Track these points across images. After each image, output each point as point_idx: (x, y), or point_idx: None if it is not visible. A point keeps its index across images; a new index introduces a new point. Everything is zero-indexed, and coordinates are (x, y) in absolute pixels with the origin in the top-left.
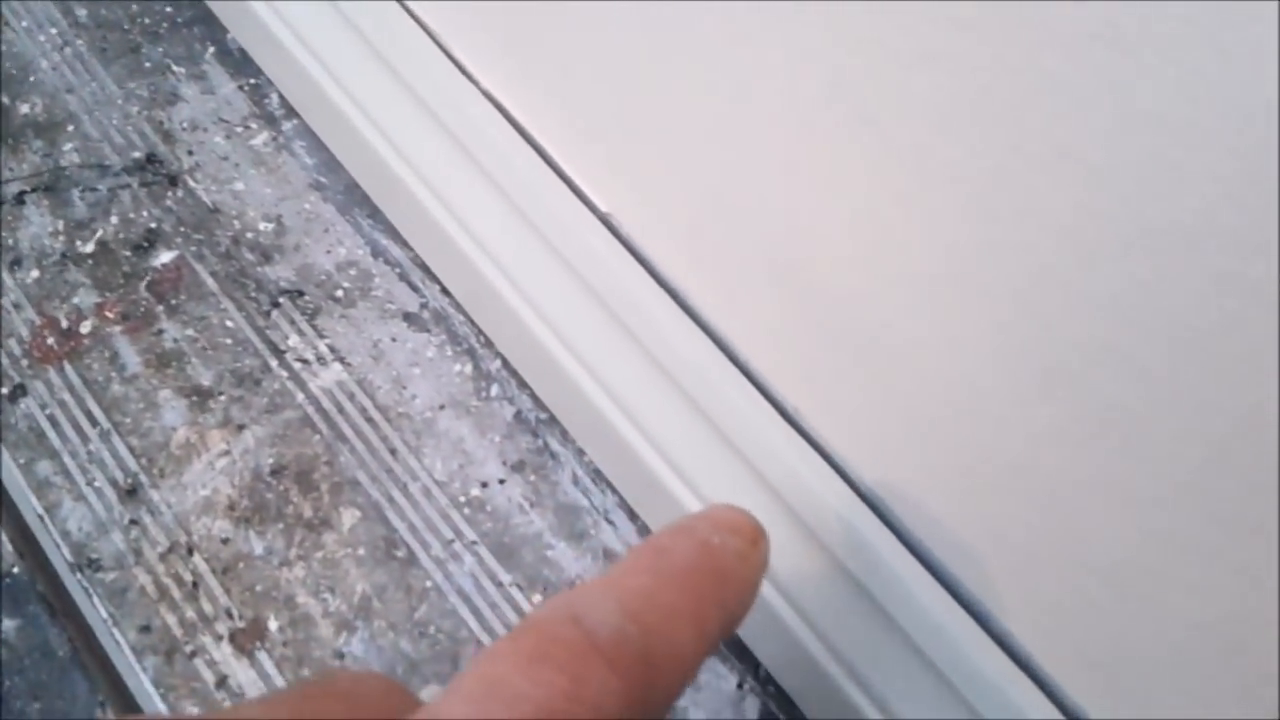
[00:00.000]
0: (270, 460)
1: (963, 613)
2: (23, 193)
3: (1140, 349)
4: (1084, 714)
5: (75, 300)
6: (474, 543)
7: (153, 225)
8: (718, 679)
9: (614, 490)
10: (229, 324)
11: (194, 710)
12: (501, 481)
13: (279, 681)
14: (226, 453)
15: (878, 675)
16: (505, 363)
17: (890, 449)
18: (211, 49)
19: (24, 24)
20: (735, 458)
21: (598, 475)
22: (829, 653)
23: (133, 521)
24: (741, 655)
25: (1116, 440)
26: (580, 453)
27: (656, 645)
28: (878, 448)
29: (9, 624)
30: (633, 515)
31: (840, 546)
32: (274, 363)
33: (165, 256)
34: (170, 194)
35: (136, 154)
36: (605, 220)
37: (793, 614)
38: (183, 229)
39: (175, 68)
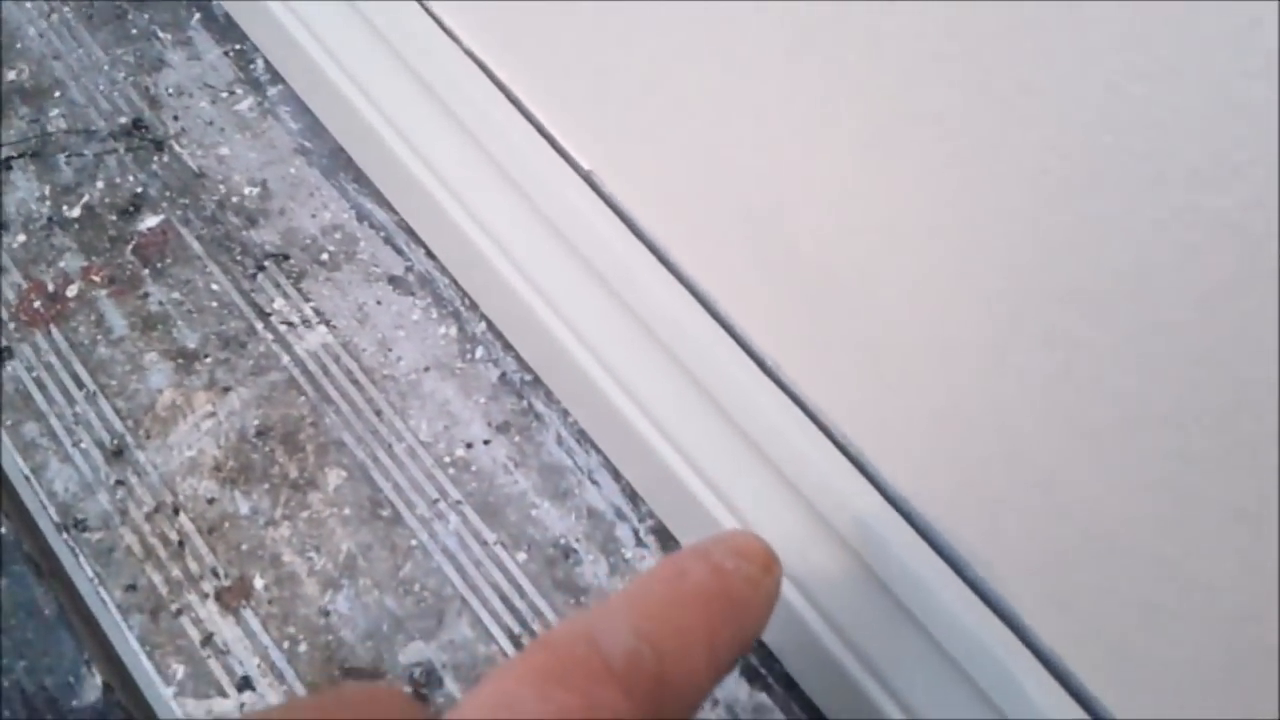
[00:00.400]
0: (256, 422)
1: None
2: (9, 158)
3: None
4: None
5: (61, 264)
6: (459, 502)
7: (138, 190)
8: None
9: (598, 450)
10: (214, 287)
11: (180, 667)
12: (486, 442)
13: (265, 639)
14: (212, 414)
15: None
16: (490, 325)
17: (904, 436)
18: (197, 15)
19: None
20: (720, 417)
21: (582, 435)
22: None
23: (119, 482)
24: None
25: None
26: (564, 413)
27: (670, 668)
28: (886, 429)
29: None
30: (616, 475)
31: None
32: (259, 325)
33: (151, 221)
34: (156, 159)
35: (123, 119)
36: (587, 178)
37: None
38: (168, 193)
39: (161, 34)
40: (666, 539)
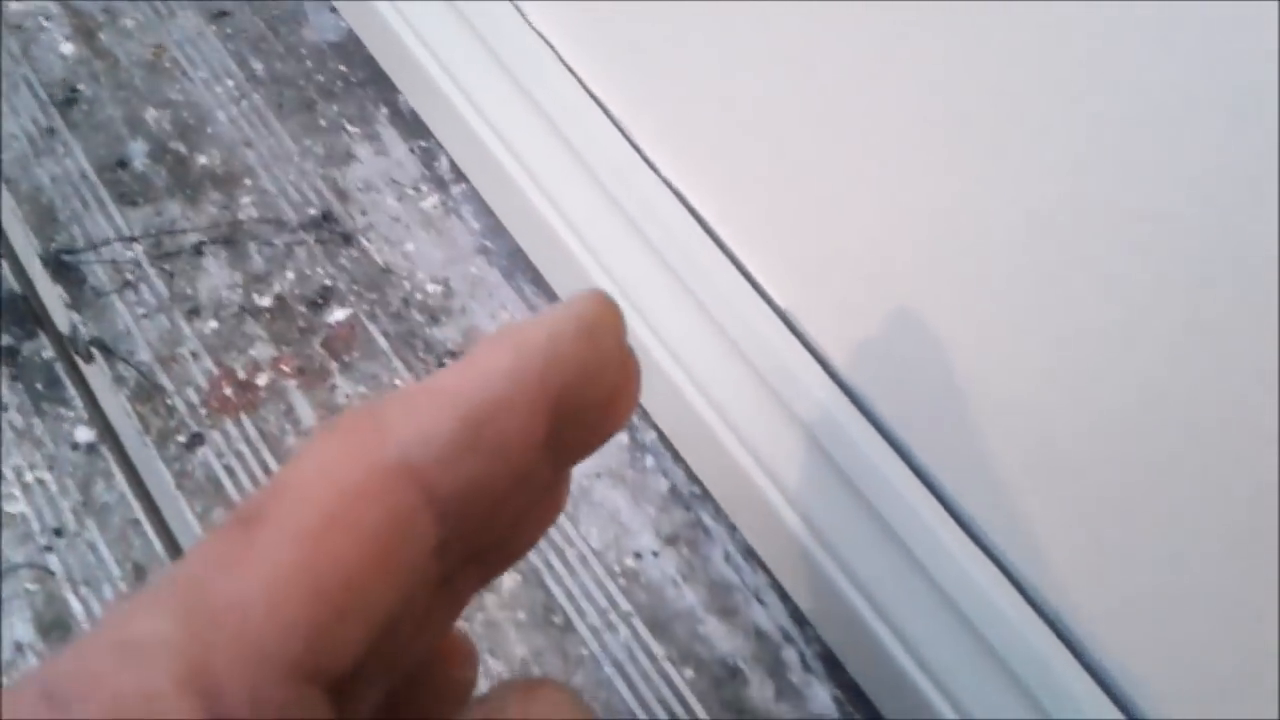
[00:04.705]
0: None
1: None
2: (201, 244)
3: None
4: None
5: (252, 353)
6: (629, 614)
7: (327, 282)
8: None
9: (765, 569)
10: (398, 382)
11: None
12: (655, 554)
13: None
14: None
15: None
16: (660, 435)
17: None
18: (384, 110)
19: (201, 74)
20: (893, 542)
21: (749, 553)
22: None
23: None
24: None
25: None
26: (732, 529)
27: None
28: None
29: None
30: (784, 596)
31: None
32: None
33: (339, 314)
34: (344, 252)
35: (312, 211)
36: (783, 315)
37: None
38: (356, 287)
39: (349, 127)
40: (833, 665)
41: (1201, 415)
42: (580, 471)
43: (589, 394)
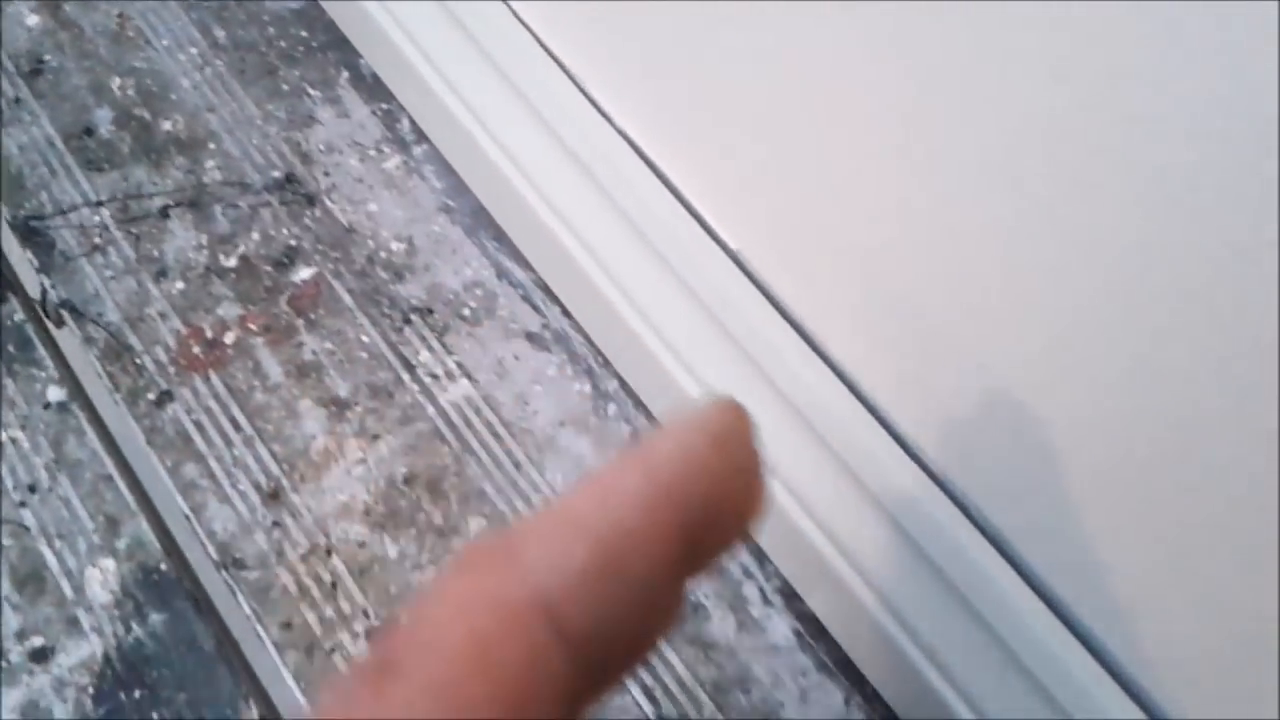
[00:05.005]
0: (403, 469)
1: (1054, 617)
2: (167, 207)
3: None
4: (1165, 714)
5: (219, 312)
6: None
7: (292, 242)
8: (825, 694)
9: None
10: (364, 339)
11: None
12: None
13: None
14: (363, 461)
15: (971, 678)
16: (622, 383)
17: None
18: (346, 74)
19: (164, 42)
20: (849, 478)
21: None
22: (933, 666)
23: (275, 523)
24: (847, 671)
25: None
26: None
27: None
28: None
29: (157, 618)
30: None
31: (938, 552)
32: (406, 377)
33: (304, 273)
34: (308, 213)
35: (276, 173)
36: (735, 257)
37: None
38: (320, 247)
39: (311, 91)
40: (792, 598)
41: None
42: (545, 421)
43: (722, 507)
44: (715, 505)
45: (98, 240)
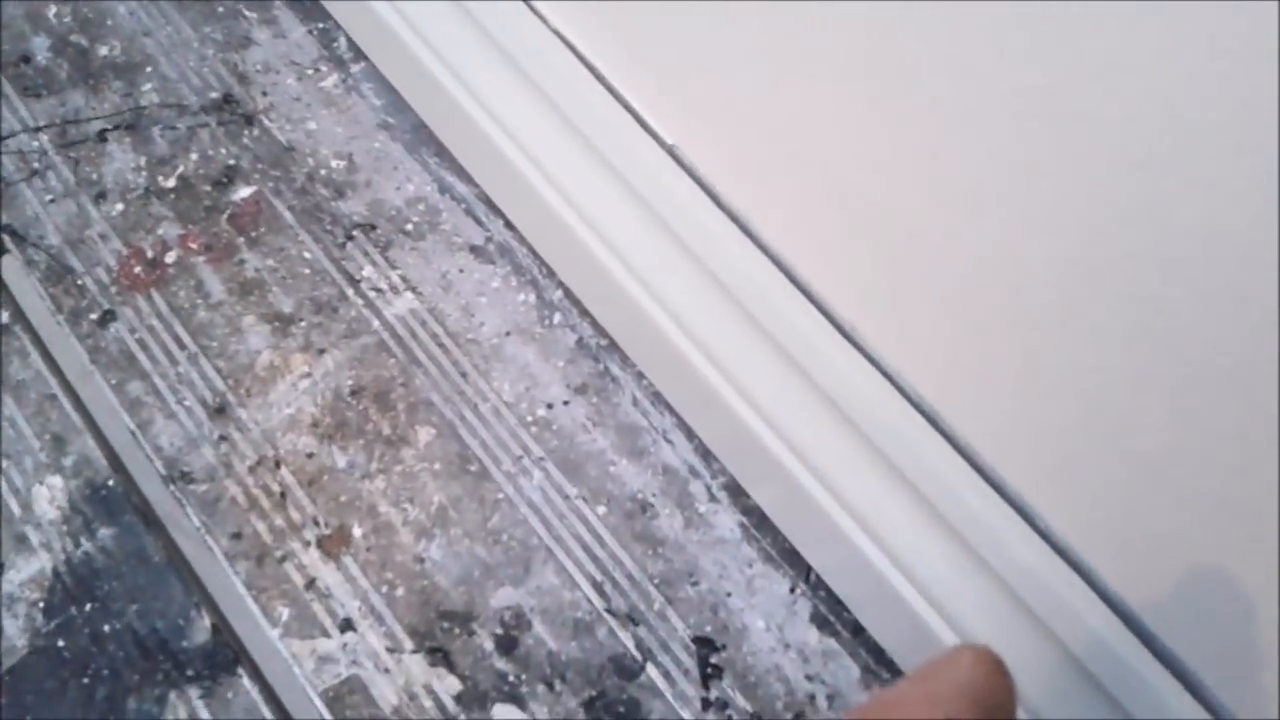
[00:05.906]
0: (350, 382)
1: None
2: (104, 131)
3: None
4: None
5: (160, 232)
6: (541, 459)
7: (230, 162)
8: (771, 583)
9: (672, 411)
10: (306, 255)
11: (285, 610)
12: (565, 403)
13: (364, 584)
14: (308, 375)
15: (917, 559)
16: (567, 292)
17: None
18: None
19: None
20: (796, 372)
21: (656, 397)
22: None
23: (222, 437)
24: (793, 561)
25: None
26: (639, 376)
27: None
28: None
29: (106, 532)
30: (690, 434)
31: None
32: (350, 292)
33: (244, 191)
34: (246, 133)
35: (214, 94)
36: (670, 151)
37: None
38: (259, 166)
39: (247, 12)
40: (738, 493)
41: None
42: (490, 331)
43: None
44: None
45: (37, 165)
